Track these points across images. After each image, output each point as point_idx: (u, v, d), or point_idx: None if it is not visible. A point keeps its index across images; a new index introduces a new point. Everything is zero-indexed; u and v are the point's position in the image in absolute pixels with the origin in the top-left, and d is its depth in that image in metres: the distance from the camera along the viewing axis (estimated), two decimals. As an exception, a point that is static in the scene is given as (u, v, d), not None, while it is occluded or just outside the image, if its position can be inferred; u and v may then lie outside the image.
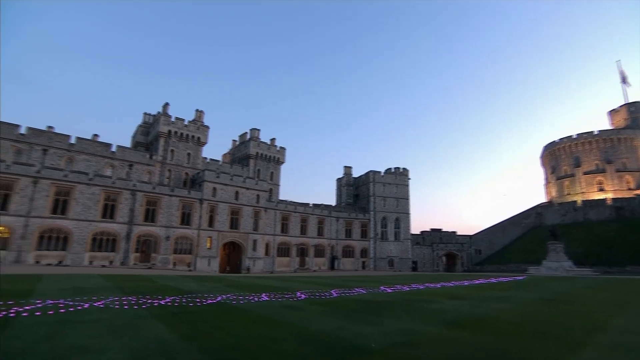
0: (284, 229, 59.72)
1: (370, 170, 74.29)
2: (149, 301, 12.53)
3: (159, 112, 58.05)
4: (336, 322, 9.68)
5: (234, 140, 75.84)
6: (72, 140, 47.27)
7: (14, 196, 37.40)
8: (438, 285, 26.29)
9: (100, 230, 41.05)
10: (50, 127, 47.15)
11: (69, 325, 7.83)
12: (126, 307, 10.97)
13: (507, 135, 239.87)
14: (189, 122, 58.29)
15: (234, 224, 51.40)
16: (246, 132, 70.86)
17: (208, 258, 47.32)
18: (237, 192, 52.44)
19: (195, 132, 58.32)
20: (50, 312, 9.48)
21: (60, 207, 39.64)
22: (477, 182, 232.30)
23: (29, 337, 6.58)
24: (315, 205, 67.56)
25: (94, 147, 48.80)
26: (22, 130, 44.31)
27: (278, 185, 69.96)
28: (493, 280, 34.06)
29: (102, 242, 41.05)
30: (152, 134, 59.21)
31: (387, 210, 72.06)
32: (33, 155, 43.82)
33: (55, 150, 45.80)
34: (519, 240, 75.29)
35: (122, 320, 8.70)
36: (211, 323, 8.88)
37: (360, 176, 79.61)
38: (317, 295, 17.06)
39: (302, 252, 61.44)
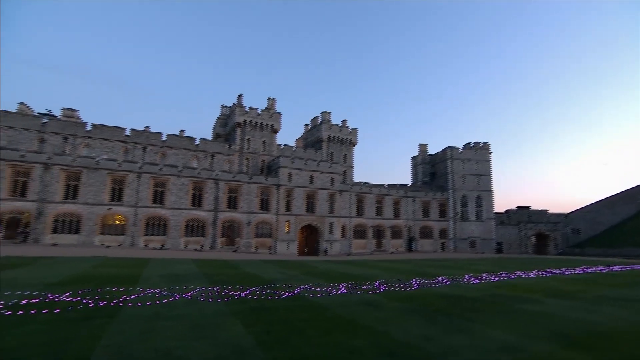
0: (360, 211, 60.29)
1: (448, 147, 70.32)
2: (231, 293, 13.84)
3: (234, 104, 61.77)
4: (420, 327, 9.43)
5: (306, 124, 77.60)
6: (164, 137, 53.10)
7: (125, 189, 43.80)
8: (532, 275, 24.14)
9: (191, 217, 46.17)
10: (147, 127, 53.56)
11: (160, 321, 9.20)
12: (210, 300, 12.31)
13: (610, 94, 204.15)
14: (262, 110, 61.15)
15: (310, 208, 53.38)
16: (317, 116, 71.87)
17: (287, 241, 50.20)
18: (311, 176, 54.04)
19: (268, 120, 61.07)
20: (148, 304, 11.21)
21: (158, 197, 45.35)
22: (571, 155, 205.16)
23: (128, 333, 7.97)
24: (390, 185, 66.61)
25: (181, 141, 54.25)
26: (127, 132, 51.02)
27: (352, 167, 70.23)
28: (601, 269, 29.99)
29: (194, 228, 46.20)
30: (230, 124, 63.55)
31: (467, 188, 67.97)
32: (136, 153, 50.40)
33: (152, 147, 51.99)
34: (634, 219, 65.15)
35: (204, 318, 9.76)
36: (288, 325, 9.30)
37: (436, 153, 75.97)
38: (396, 287, 17.12)
39: (379, 233, 61.56)
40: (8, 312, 9.67)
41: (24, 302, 10.93)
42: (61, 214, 41.06)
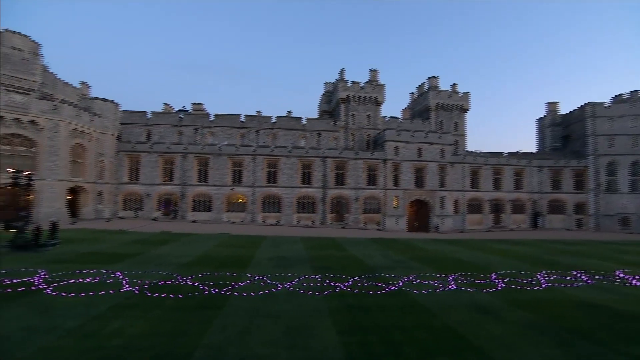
0: (474, 184, 55.13)
1: (588, 103, 57.73)
2: (332, 284, 14.00)
3: (337, 79, 61.90)
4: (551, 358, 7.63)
5: (411, 93, 73.30)
6: (273, 120, 56.85)
7: (243, 171, 48.93)
8: None
9: (301, 195, 49.11)
10: (258, 111, 58.13)
11: (259, 318, 9.86)
12: (310, 293, 12.61)
13: None
14: (365, 83, 59.84)
15: (418, 182, 51.15)
16: (423, 83, 67.00)
17: (395, 217, 49.46)
18: (419, 149, 51.38)
19: (371, 93, 59.58)
20: (252, 294, 12.18)
21: (272, 177, 49.35)
22: None
23: (228, 331, 8.79)
24: (510, 154, 58.81)
25: (289, 122, 57.28)
26: (242, 118, 56.31)
27: (464, 135, 64.13)
28: None
29: (305, 205, 49.13)
30: (334, 101, 64.18)
31: (617, 152, 55.25)
32: (250, 137, 55.43)
33: (264, 130, 56.34)
34: None
35: (300, 318, 10.00)
36: (386, 337, 8.76)
37: (571, 112, 63.31)
38: (518, 283, 15.10)
39: (497, 208, 55.49)
40: (148, 294, 11.93)
41: (160, 283, 13.32)
42: (197, 195, 48.48)
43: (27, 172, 24.81)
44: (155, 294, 11.74)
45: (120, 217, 45.84)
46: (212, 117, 56.03)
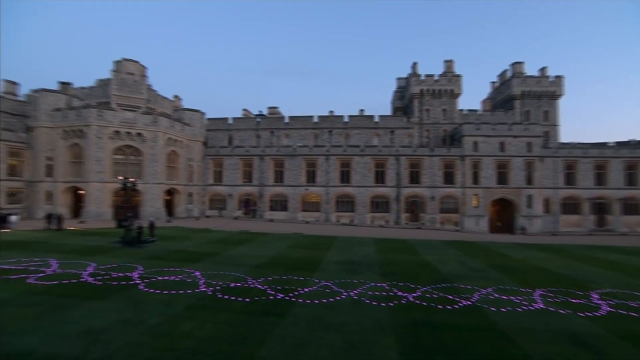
0: (570, 180, 48.46)
1: None
2: (399, 293, 13.39)
3: (409, 74, 59.57)
4: None
5: (492, 82, 67.34)
6: (346, 119, 56.95)
7: (317, 171, 49.97)
8: None
9: (375, 194, 48.41)
10: (331, 111, 58.78)
11: (319, 331, 9.70)
12: (374, 303, 12.09)
13: None
14: (439, 76, 56.57)
15: (501, 179, 46.82)
16: (506, 70, 60.97)
17: (475, 217, 45.99)
18: (501, 143, 46.99)
19: (447, 85, 56.11)
20: (316, 302, 12.10)
21: (345, 176, 49.52)
22: None
23: (287, 342, 8.83)
24: (619, 144, 50.32)
25: (362, 121, 56.82)
26: (315, 119, 57.54)
27: (556, 125, 56.85)
28: None
29: (378, 204, 48.37)
30: (406, 97, 61.92)
31: None
32: (323, 137, 56.36)
33: (336, 130, 56.83)
34: None
35: (361, 332, 9.63)
36: None
37: None
38: (631, 307, 12.38)
39: (600, 208, 47.95)
40: (220, 295, 12.84)
41: (232, 285, 14.22)
42: (274, 195, 50.93)
43: (132, 179, 28.65)
44: (226, 296, 12.52)
45: (207, 215, 50.33)
46: (286, 120, 58.27)
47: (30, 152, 43.58)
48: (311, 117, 57.48)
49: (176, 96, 61.28)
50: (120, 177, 30.15)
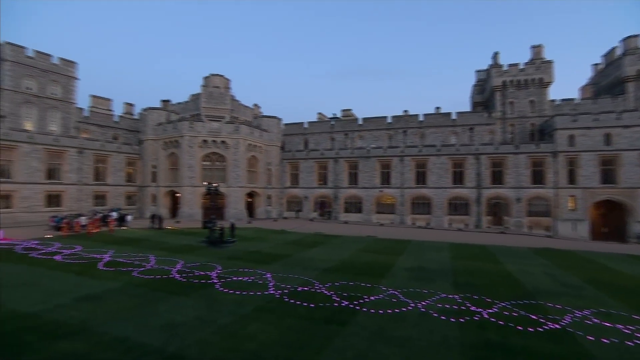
0: None
1: None
2: (472, 308, 12.20)
3: (490, 65, 54.69)
4: None
5: (595, 64, 58.23)
6: (421, 118, 54.53)
7: (391, 172, 48.73)
8: None
9: (453, 196, 45.42)
10: (405, 111, 56.86)
11: (379, 344, 9.32)
12: (443, 318, 11.16)
13: None
14: (525, 64, 50.77)
15: (607, 178, 39.96)
16: (615, 48, 52.00)
17: (572, 221, 40.13)
18: (607, 135, 40.28)
19: (534, 74, 50.08)
20: (381, 312, 11.64)
21: (420, 177, 47.41)
22: None
23: (345, 354, 8.56)
24: None
25: (438, 119, 53.84)
26: (389, 120, 56.23)
27: (684, 111, 46.77)
28: None
29: (457, 206, 45.27)
30: (487, 90, 56.93)
31: None
32: (398, 138, 54.76)
33: (411, 130, 54.76)
34: None
35: (423, 350, 8.90)
36: None
37: None
38: None
39: None
40: (286, 299, 13.13)
41: (299, 289, 14.46)
42: (348, 197, 50.98)
43: (214, 184, 31.15)
44: (292, 300, 12.78)
45: (285, 217, 52.44)
46: (360, 122, 57.93)
47: (141, 162, 50.24)
48: (384, 117, 56.30)
49: (255, 105, 65.23)
50: (205, 182, 33.11)
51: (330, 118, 65.64)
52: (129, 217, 38.52)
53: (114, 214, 36.33)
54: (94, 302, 12.13)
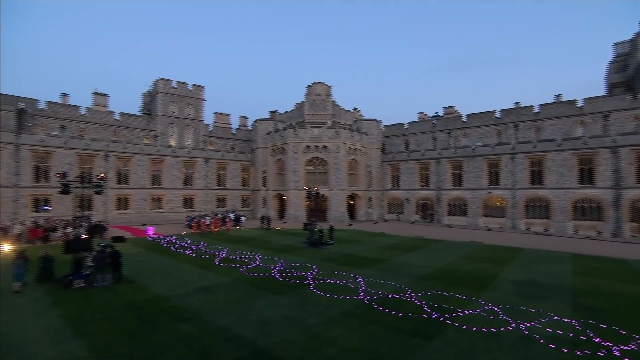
0: None
1: None
2: (596, 340, 9.84)
3: (636, 34, 44.33)
4: None
5: None
6: (536, 109, 47.49)
7: (501, 172, 43.71)
8: None
9: (579, 197, 38.21)
10: (517, 102, 50.40)
11: None
12: (552, 347, 9.43)
13: None
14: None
15: None
16: None
17: None
18: None
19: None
20: (474, 329, 10.55)
21: (536, 177, 41.30)
22: None
23: None
24: None
25: (558, 108, 46.07)
26: (498, 114, 50.59)
27: None
28: None
29: (584, 210, 37.89)
30: (631, 67, 46.23)
31: None
32: (508, 133, 48.85)
33: (524, 124, 48.15)
34: None
35: None
36: None
37: None
38: None
39: None
40: (375, 305, 12.95)
41: (389, 296, 14.12)
42: (452, 199, 47.53)
43: (315, 188, 32.61)
44: (380, 307, 12.54)
45: (385, 219, 51.70)
46: (464, 118, 53.56)
47: (254, 168, 55.78)
48: (492, 112, 50.83)
49: (355, 108, 65.88)
50: (305, 187, 34.95)
51: (432, 117, 62.35)
52: (243, 218, 43.15)
53: (231, 215, 41.19)
54: (207, 293, 14.02)
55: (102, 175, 20.20)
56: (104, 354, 8.83)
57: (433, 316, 11.75)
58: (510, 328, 10.82)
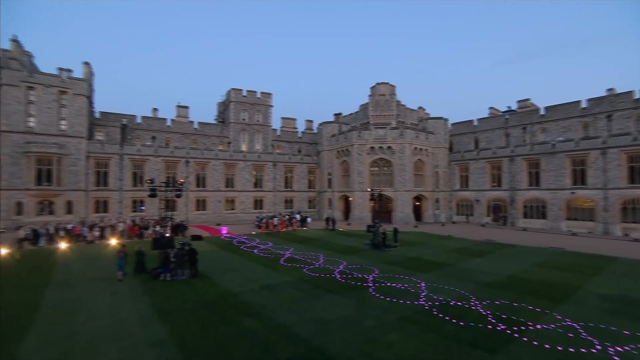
0: None
1: None
2: None
3: None
4: None
5: None
6: (637, 95, 40.88)
7: (588, 170, 38.58)
8: None
9: (696, 198, 31.96)
10: (610, 89, 43.99)
11: None
12: None
13: None
14: None
15: None
16: None
17: None
18: None
19: None
20: (547, 346, 9.53)
21: (637, 175, 35.56)
22: None
23: None
24: None
25: (666, 95, 39.09)
26: (584, 104, 44.74)
27: None
28: None
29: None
30: None
31: None
32: (598, 125, 42.87)
33: (620, 113, 41.79)
34: None
35: None
36: None
37: None
38: None
39: None
40: (435, 312, 12.35)
41: (452, 303, 13.44)
42: (528, 200, 43.16)
43: (378, 189, 32.29)
44: (441, 315, 12.01)
45: (454, 221, 48.96)
46: (542, 112, 48.38)
47: (319, 170, 57.00)
48: (577, 102, 45.02)
49: (420, 107, 63.56)
50: (369, 188, 34.71)
51: (504, 112, 57.44)
52: (309, 219, 44.35)
53: (297, 216, 42.62)
54: (271, 291, 14.82)
55: (181, 180, 22.53)
56: (179, 340, 9.91)
57: (499, 328, 10.92)
58: (594, 350, 9.49)
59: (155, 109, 55.67)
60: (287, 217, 42.39)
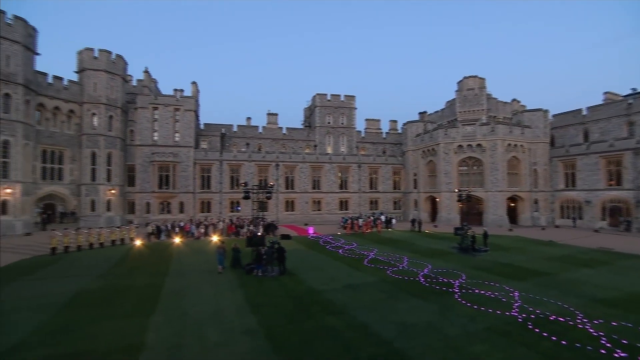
0: None
1: None
2: None
3: None
4: None
5: None
6: None
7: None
8: None
9: None
10: None
11: None
12: None
13: None
14: None
15: None
16: None
17: None
18: None
19: None
20: None
21: None
22: None
23: None
24: None
25: None
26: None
27: None
28: None
29: None
30: None
31: None
32: None
33: None
34: None
35: None
36: None
37: None
38: None
39: None
40: (530, 326, 11.00)
41: (551, 317, 11.83)
42: (662, 202, 35.37)
43: (466, 190, 30.07)
44: (537, 329, 10.75)
45: (557, 225, 42.78)
46: (682, 94, 39.14)
47: (404, 170, 55.44)
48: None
49: (515, 99, 57.13)
50: (456, 189, 32.43)
51: (626, 96, 48.00)
52: (394, 221, 43.41)
53: (382, 217, 42.07)
54: (354, 291, 15.10)
55: (271, 183, 24.29)
56: (268, 331, 10.85)
57: (616, 355, 9.23)
58: None
59: (248, 118, 60.85)
60: (371, 218, 42.26)
